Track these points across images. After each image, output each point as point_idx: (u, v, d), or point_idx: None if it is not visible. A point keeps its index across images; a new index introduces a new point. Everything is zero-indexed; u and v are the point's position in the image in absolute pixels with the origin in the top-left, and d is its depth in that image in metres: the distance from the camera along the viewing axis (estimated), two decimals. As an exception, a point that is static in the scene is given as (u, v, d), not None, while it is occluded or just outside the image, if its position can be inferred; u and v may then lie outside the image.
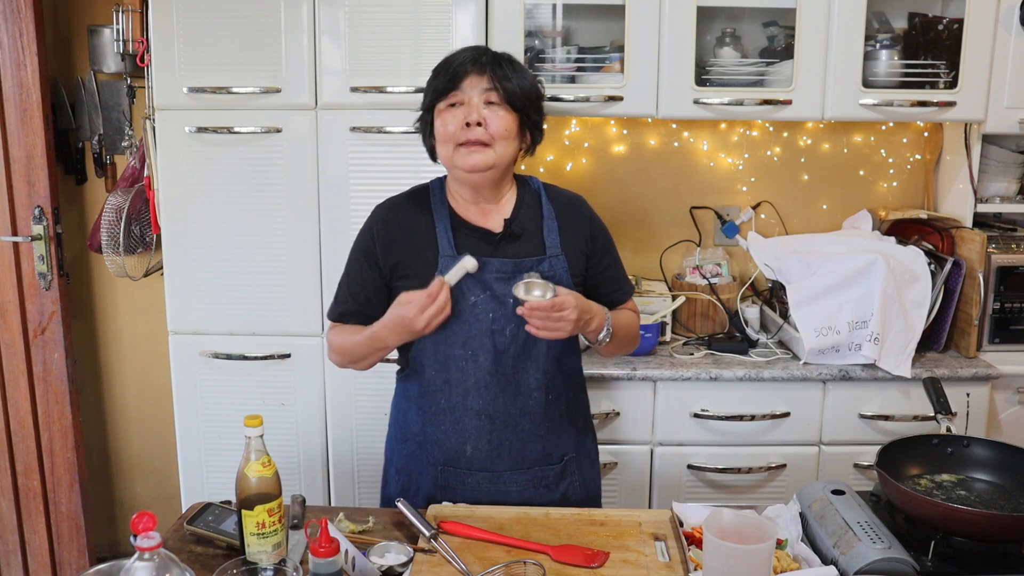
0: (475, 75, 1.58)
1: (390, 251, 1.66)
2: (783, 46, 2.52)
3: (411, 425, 1.71)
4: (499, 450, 1.65)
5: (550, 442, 1.69)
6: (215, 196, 2.40)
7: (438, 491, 1.68)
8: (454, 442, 1.66)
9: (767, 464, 2.40)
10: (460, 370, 1.62)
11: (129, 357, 3.02)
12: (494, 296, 1.60)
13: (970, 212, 2.58)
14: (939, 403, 1.73)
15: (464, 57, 1.59)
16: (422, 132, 1.69)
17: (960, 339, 2.52)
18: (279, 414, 2.48)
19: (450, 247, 1.62)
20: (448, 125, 1.59)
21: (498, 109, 1.59)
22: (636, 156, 2.82)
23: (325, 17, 2.31)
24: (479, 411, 1.64)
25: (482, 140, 1.58)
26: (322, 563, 1.27)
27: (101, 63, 2.72)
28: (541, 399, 1.66)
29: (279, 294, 2.44)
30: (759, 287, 2.78)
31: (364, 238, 1.71)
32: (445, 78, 1.59)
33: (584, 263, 1.70)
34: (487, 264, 1.60)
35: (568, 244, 1.67)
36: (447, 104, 1.60)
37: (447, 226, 1.65)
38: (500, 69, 1.59)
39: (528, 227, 1.67)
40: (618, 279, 1.78)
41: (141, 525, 1.14)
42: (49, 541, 2.80)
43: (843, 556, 1.38)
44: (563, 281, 1.63)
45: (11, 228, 2.62)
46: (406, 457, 1.73)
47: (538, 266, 1.62)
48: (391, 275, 1.67)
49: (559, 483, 1.71)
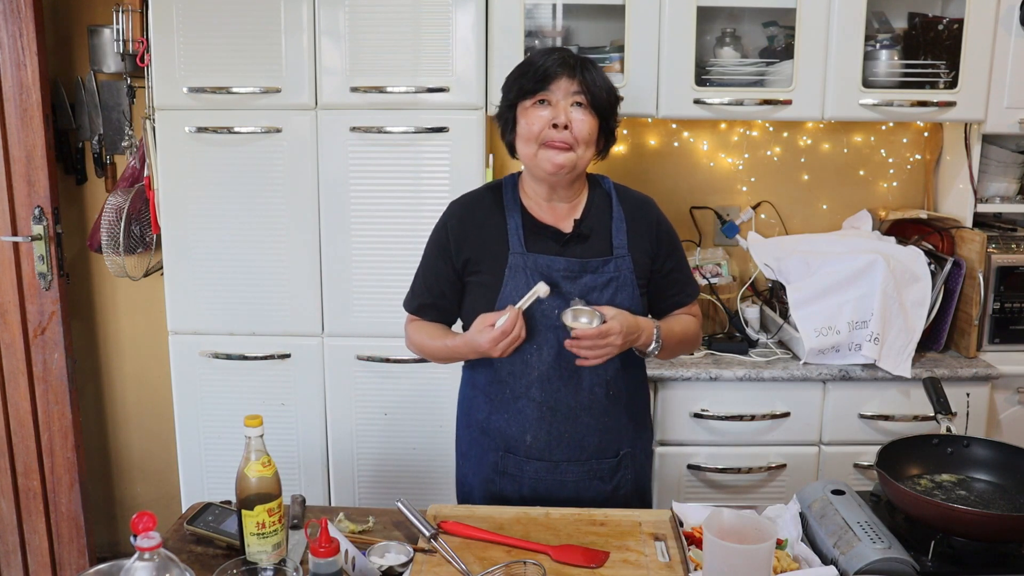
0: (566, 78, 1.60)
1: (463, 246, 1.70)
2: (783, 46, 2.52)
3: (476, 412, 1.76)
4: (558, 441, 1.69)
5: (607, 436, 1.72)
6: (215, 196, 2.40)
7: (497, 476, 1.73)
8: (515, 430, 1.70)
9: (767, 464, 2.40)
10: (524, 362, 1.66)
11: (129, 357, 3.02)
12: (560, 293, 1.63)
13: (970, 212, 2.58)
14: (939, 403, 1.73)
15: (554, 59, 1.61)
16: (502, 128, 1.71)
17: (960, 339, 2.52)
18: (279, 414, 2.48)
19: (520, 245, 1.66)
20: (533, 124, 1.61)
21: (584, 113, 1.61)
22: (636, 156, 2.82)
23: (325, 17, 2.31)
24: (540, 402, 1.67)
25: (567, 142, 1.60)
26: (322, 563, 1.27)
27: (101, 63, 2.72)
28: (602, 394, 1.69)
29: (279, 294, 2.44)
30: (759, 287, 2.78)
31: (439, 233, 1.75)
32: (534, 78, 1.61)
33: (649, 265, 1.72)
34: (554, 262, 1.65)
35: (635, 246, 1.70)
36: (534, 102, 1.62)
37: (518, 224, 1.68)
38: (588, 73, 1.61)
39: (597, 228, 1.70)
40: (682, 282, 1.80)
41: (141, 525, 1.14)
42: (49, 541, 2.80)
43: (843, 556, 1.38)
44: (627, 281, 1.66)
45: (11, 228, 2.62)
46: (469, 442, 1.80)
47: (603, 267, 1.66)
48: (464, 270, 1.71)
49: (613, 476, 1.73)
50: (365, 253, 2.41)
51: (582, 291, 1.64)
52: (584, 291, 1.64)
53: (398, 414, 2.47)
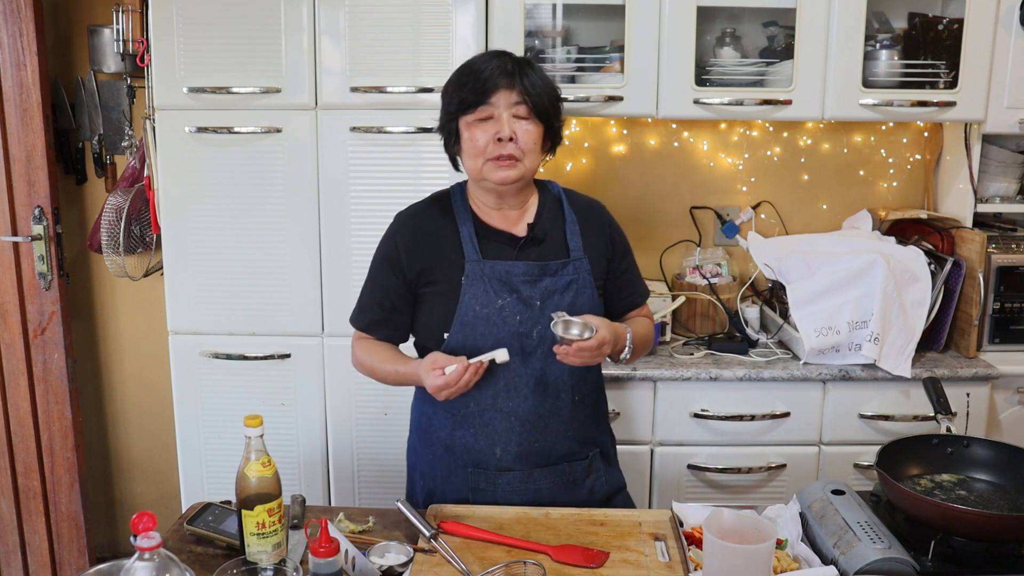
0: (504, 89, 1.57)
1: (415, 257, 1.66)
2: (783, 46, 2.52)
3: (437, 429, 1.70)
4: (528, 450, 1.66)
5: (575, 441, 1.70)
6: (215, 196, 2.40)
7: (468, 493, 1.68)
8: (483, 444, 1.65)
9: (767, 464, 2.40)
10: (489, 372, 1.61)
11: (129, 357, 3.02)
12: (521, 299, 1.61)
13: (970, 212, 2.58)
14: (939, 403, 1.73)
15: (491, 69, 1.57)
16: (445, 140, 1.67)
17: (960, 339, 2.52)
18: (279, 414, 2.48)
19: (476, 252, 1.63)
20: (478, 140, 1.58)
21: (526, 123, 1.59)
22: (636, 156, 2.82)
23: (325, 17, 2.31)
24: (508, 412, 1.64)
25: (514, 155, 1.58)
26: (322, 563, 1.27)
27: (101, 63, 2.72)
28: (569, 400, 1.67)
29: (279, 294, 2.44)
30: (759, 287, 2.78)
31: (387, 245, 1.71)
32: (474, 91, 1.57)
33: (605, 266, 1.72)
34: (512, 267, 1.62)
35: (590, 247, 1.69)
36: (476, 118, 1.59)
37: (471, 231, 1.65)
38: (527, 79, 1.58)
39: (551, 231, 1.68)
40: (635, 283, 1.80)
41: (141, 525, 1.14)
42: (49, 541, 2.80)
43: (843, 556, 1.38)
44: (585, 283, 1.65)
45: (11, 228, 2.62)
46: (431, 462, 1.72)
47: (563, 269, 1.64)
48: (417, 281, 1.67)
49: (585, 480, 1.71)
50: (365, 253, 2.36)
51: (542, 295, 1.62)
52: (544, 295, 1.62)
53: (398, 414, 2.47)
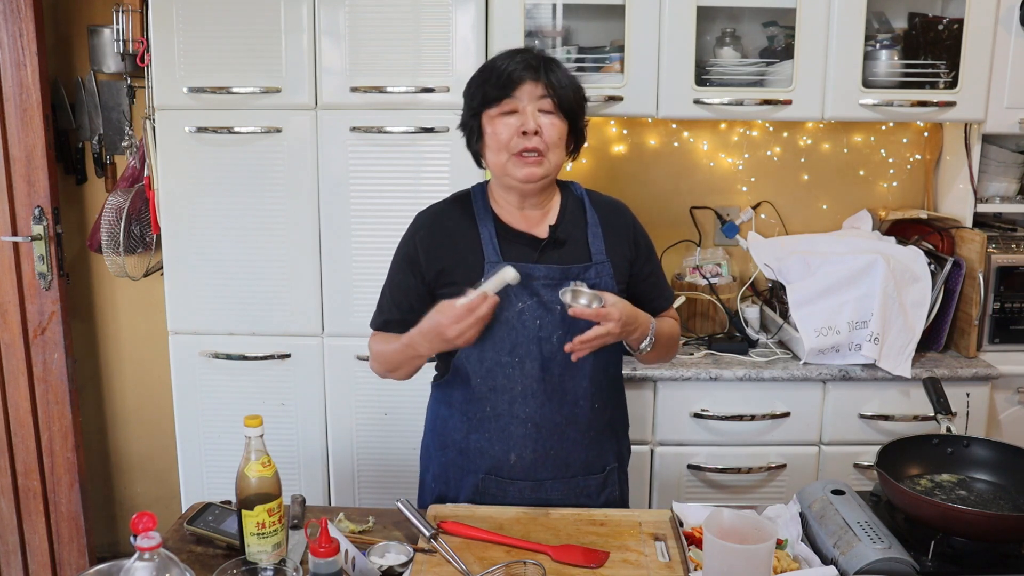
0: (530, 81, 1.54)
1: (434, 257, 1.64)
2: (783, 46, 2.52)
3: (452, 432, 1.69)
4: (544, 458, 1.64)
5: (594, 451, 1.67)
6: (215, 196, 2.40)
7: (478, 498, 1.66)
8: (498, 450, 1.64)
9: (767, 464, 2.40)
10: (506, 377, 1.60)
11: (129, 357, 3.02)
12: (541, 303, 1.58)
13: (970, 212, 2.58)
14: (939, 403, 1.73)
15: (516, 63, 1.55)
16: (467, 137, 1.65)
17: (960, 339, 2.52)
18: (279, 414, 2.48)
19: (496, 253, 1.60)
20: (501, 134, 1.56)
21: (551, 117, 1.56)
22: (636, 156, 2.82)
23: (325, 17, 2.31)
24: (525, 419, 1.61)
25: (539, 149, 1.55)
26: (322, 563, 1.27)
27: (101, 63, 2.72)
28: (587, 407, 1.64)
29: (279, 294, 2.44)
30: (759, 287, 2.77)
31: (407, 245, 1.68)
32: (498, 84, 1.55)
33: (628, 270, 1.68)
34: (533, 270, 1.58)
35: (612, 251, 1.65)
36: (500, 112, 1.57)
37: (492, 232, 1.62)
38: (552, 74, 1.56)
39: (573, 233, 1.65)
40: (660, 286, 1.76)
41: (141, 525, 1.14)
42: (49, 541, 2.80)
43: (843, 556, 1.38)
44: (608, 288, 1.60)
45: (11, 228, 2.62)
46: (444, 464, 1.71)
47: (584, 273, 1.60)
48: (436, 282, 1.64)
49: (600, 493, 1.69)
50: (365, 253, 2.41)
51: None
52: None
53: (398, 414, 2.47)
